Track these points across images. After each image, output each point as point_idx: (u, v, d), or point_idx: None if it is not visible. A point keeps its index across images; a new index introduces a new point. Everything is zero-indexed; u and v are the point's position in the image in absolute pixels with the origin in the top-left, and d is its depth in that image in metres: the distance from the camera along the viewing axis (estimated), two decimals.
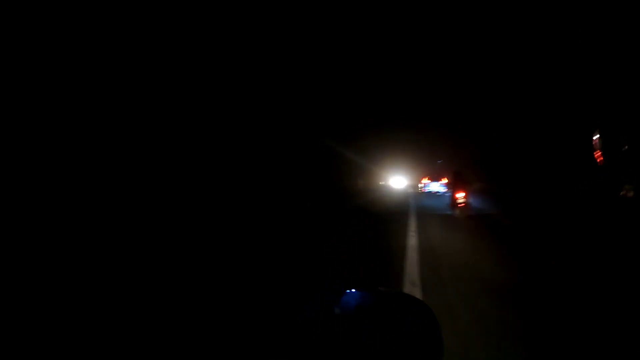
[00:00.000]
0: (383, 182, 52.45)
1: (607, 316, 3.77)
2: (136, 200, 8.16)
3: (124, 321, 3.05)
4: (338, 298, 1.03)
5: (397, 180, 49.72)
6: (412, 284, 4.60)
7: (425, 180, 31.97)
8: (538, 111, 20.77)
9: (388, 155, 53.03)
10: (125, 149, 8.71)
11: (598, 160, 10.19)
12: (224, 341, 2.71)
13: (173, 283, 4.07)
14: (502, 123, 27.38)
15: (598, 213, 10.53)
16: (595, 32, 13.64)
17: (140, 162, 9.01)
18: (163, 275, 4.32)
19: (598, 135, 10.11)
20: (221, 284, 4.15)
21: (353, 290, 1.06)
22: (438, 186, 28.22)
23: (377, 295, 1.06)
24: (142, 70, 9.37)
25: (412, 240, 8.18)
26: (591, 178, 11.50)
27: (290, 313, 1.12)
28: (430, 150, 54.30)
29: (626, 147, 10.02)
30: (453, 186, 14.64)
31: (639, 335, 3.32)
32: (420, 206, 18.83)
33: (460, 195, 13.97)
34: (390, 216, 13.65)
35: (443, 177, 27.54)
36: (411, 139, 56.63)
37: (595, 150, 10.19)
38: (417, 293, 4.32)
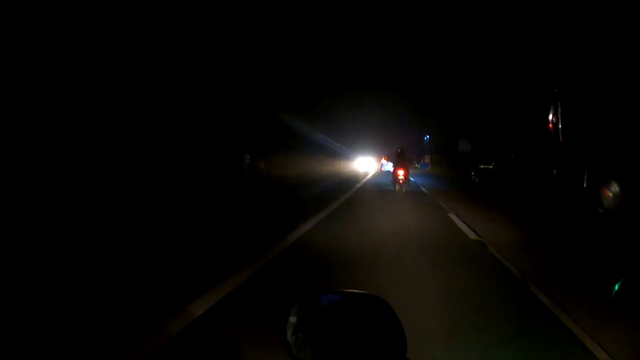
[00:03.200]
0: (348, 168, 47.51)
1: None
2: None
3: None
4: (293, 304, 1.04)
5: (365, 164, 45.59)
6: None
7: (383, 161, 34.76)
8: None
9: (365, 136, 49.85)
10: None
11: (551, 131, 8.78)
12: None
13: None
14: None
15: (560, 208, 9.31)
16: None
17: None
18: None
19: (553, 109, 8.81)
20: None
21: (308, 294, 1.07)
22: (391, 166, 30.02)
23: (334, 296, 1.08)
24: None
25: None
26: (552, 169, 10.17)
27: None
28: (415, 129, 50.37)
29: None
30: (395, 165, 16.13)
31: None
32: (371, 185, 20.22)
33: (400, 173, 15.41)
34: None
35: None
36: (391, 115, 51.61)
37: (549, 122, 8.90)
38: None
